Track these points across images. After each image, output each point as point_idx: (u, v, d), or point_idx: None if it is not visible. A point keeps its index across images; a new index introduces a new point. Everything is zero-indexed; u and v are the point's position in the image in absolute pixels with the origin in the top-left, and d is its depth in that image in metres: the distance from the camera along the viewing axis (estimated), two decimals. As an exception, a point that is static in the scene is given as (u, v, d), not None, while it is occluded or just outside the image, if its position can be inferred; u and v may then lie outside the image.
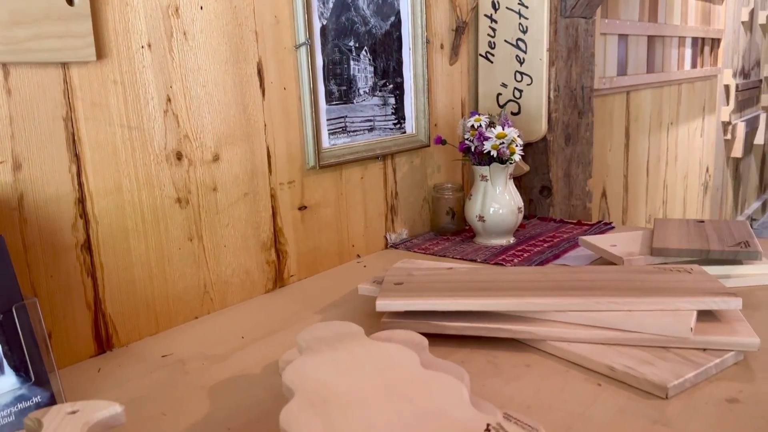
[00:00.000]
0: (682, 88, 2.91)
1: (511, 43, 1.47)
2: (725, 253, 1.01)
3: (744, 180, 4.27)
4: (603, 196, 2.32)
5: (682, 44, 2.76)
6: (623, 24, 2.16)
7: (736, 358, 0.76)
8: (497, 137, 1.26)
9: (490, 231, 1.33)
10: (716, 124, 3.47)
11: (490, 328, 0.82)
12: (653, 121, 2.66)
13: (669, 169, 2.90)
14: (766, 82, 4.39)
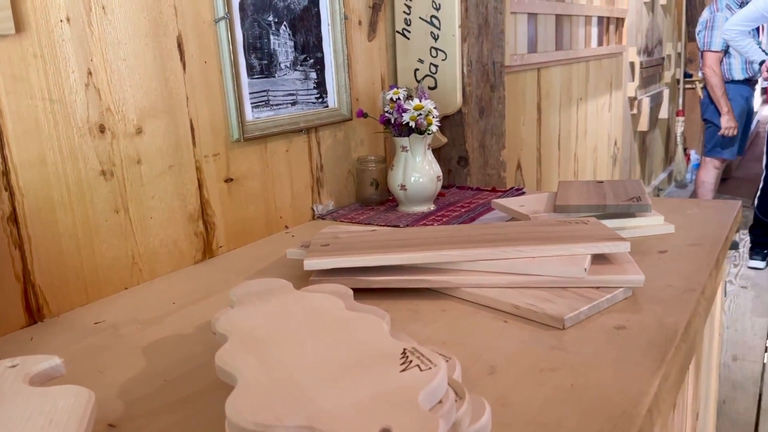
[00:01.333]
0: (590, 66, 3.08)
1: (426, 20, 1.54)
2: (619, 207, 1.12)
3: (650, 152, 4.56)
4: (518, 168, 2.45)
5: (589, 23, 2.92)
6: (532, 3, 2.28)
7: (626, 294, 0.86)
8: (415, 109, 1.32)
9: (412, 199, 1.40)
10: (623, 99, 3.70)
11: (411, 280, 0.89)
12: (563, 96, 2.81)
13: (579, 142, 3.08)
14: (668, 60, 4.69)
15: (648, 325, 0.77)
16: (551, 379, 0.65)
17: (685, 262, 0.98)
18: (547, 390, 0.63)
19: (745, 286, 3.29)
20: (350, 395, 0.50)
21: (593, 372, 0.66)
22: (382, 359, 0.55)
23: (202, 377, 0.70)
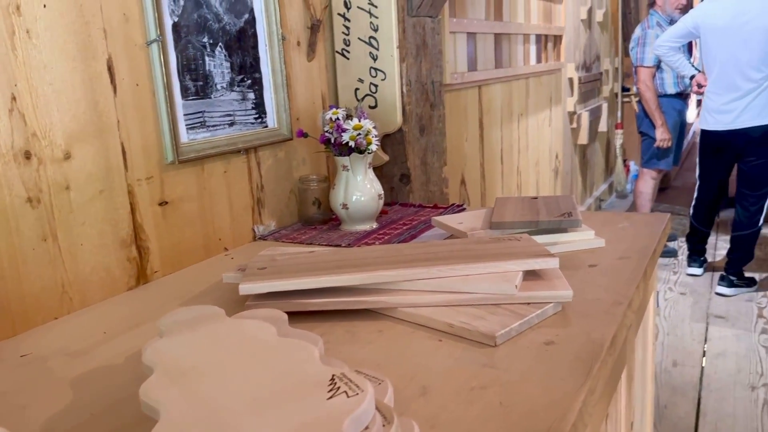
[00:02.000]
0: (529, 82, 3.17)
1: (365, 40, 1.56)
2: (551, 222, 1.16)
3: (591, 164, 4.71)
4: (462, 183, 2.50)
5: (527, 41, 3.01)
6: (471, 23, 2.33)
7: (555, 309, 0.88)
8: (354, 129, 1.33)
9: (354, 217, 1.41)
10: (563, 114, 3.81)
11: (348, 302, 0.90)
12: (504, 112, 2.88)
13: (521, 156, 3.15)
14: (606, 75, 4.86)
15: (576, 339, 0.79)
16: (481, 398, 0.67)
17: (614, 276, 1.02)
18: (476, 409, 0.64)
19: (683, 292, 3.42)
20: (276, 426, 0.50)
21: (522, 389, 0.68)
22: (311, 387, 0.55)
23: (129, 410, 0.69)
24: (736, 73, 3.04)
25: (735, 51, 3.02)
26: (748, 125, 3.06)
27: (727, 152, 3.23)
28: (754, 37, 2.95)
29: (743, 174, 3.22)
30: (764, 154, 3.11)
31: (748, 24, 2.96)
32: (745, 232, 3.24)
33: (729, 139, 3.16)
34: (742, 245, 3.28)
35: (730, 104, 3.09)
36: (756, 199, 3.19)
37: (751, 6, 2.97)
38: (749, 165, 3.18)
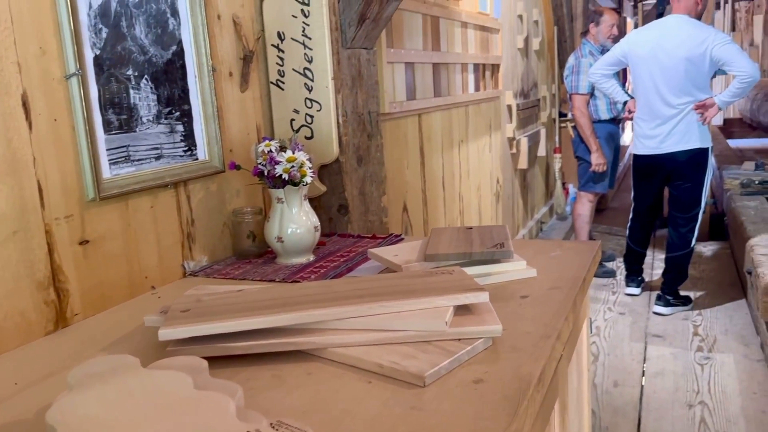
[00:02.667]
0: (469, 110, 3.23)
1: (299, 71, 1.55)
2: (484, 254, 1.16)
3: (532, 188, 4.82)
4: (404, 211, 2.50)
5: (465, 70, 3.07)
6: (408, 53, 2.36)
7: (485, 344, 0.88)
8: (288, 161, 1.31)
9: (290, 251, 1.38)
10: (502, 139, 3.89)
11: (275, 344, 0.87)
12: (445, 140, 2.92)
13: (463, 182, 3.19)
14: (544, 101, 5.01)
15: (504, 376, 0.79)
16: (407, 444, 0.65)
17: (544, 307, 1.03)
18: (401, 456, 0.63)
19: (622, 312, 3.51)
20: (181, 491, 0.47)
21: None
22: (222, 444, 0.52)
23: (32, 474, 0.64)
24: (659, 100, 3.18)
25: (657, 79, 3.16)
26: (673, 150, 3.18)
27: (657, 175, 3.35)
28: (673, 66, 3.09)
29: (673, 197, 3.35)
30: (691, 177, 3.24)
31: (668, 53, 3.10)
32: (679, 253, 3.36)
33: (657, 163, 3.28)
34: (676, 266, 3.39)
35: (654, 129, 3.22)
36: (686, 221, 3.32)
37: (671, 36, 3.11)
38: (678, 188, 3.31)
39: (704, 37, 3.02)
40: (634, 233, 3.60)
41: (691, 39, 3.04)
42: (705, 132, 3.17)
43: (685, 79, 3.09)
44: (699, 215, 3.30)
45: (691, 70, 3.06)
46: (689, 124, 3.13)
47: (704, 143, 3.17)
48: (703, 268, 4.14)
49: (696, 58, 3.04)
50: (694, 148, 3.15)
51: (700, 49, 3.01)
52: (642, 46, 3.20)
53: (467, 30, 3.08)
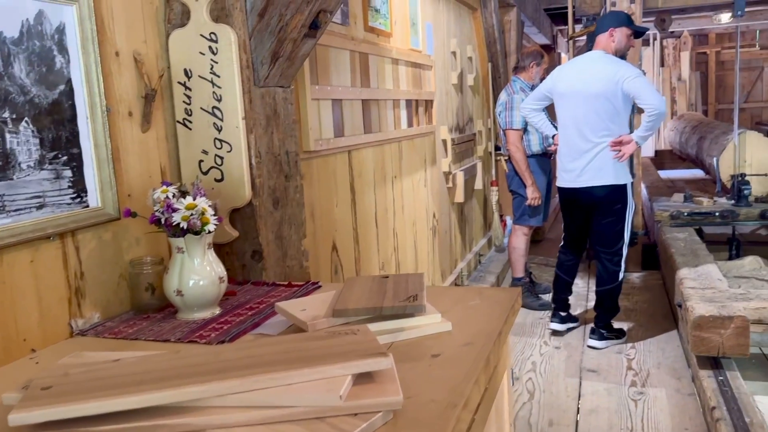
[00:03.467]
0: (402, 145, 3.20)
1: (207, 110, 1.47)
2: (394, 308, 1.09)
3: (470, 221, 4.82)
4: (334, 250, 2.42)
5: (397, 106, 3.04)
6: (336, 90, 2.31)
7: (385, 418, 0.80)
8: (187, 208, 1.22)
9: (191, 305, 1.28)
10: (438, 174, 3.88)
11: (144, 427, 0.77)
12: (377, 176, 2.87)
13: (397, 218, 3.14)
14: (480, 135, 5.05)
15: (401, 458, 0.71)
16: None
17: (455, 368, 0.96)
18: None
19: (558, 346, 3.50)
20: None
21: None
22: None
23: None
24: (576, 134, 3.24)
25: (575, 114, 3.22)
26: (588, 185, 3.23)
27: (578, 208, 3.39)
28: (589, 102, 3.16)
29: (595, 232, 3.39)
30: (610, 212, 3.27)
31: (584, 89, 3.18)
32: (607, 287, 3.38)
33: (575, 196, 3.33)
34: (606, 299, 3.42)
35: (571, 163, 3.28)
36: (611, 255, 3.35)
37: (587, 72, 3.19)
38: (599, 224, 3.34)
39: (616, 71, 3.11)
40: (561, 260, 3.62)
41: (605, 75, 3.12)
42: (621, 168, 3.21)
43: (601, 115, 3.15)
44: (623, 249, 3.33)
45: (607, 105, 3.13)
46: (604, 160, 3.18)
47: (620, 180, 3.21)
48: (636, 300, 4.20)
49: (610, 94, 3.11)
50: (608, 185, 3.19)
51: (613, 84, 3.10)
52: (562, 82, 3.29)
53: (399, 66, 3.07)
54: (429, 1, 3.64)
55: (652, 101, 3.03)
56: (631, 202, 3.28)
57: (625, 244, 3.32)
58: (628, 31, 3.24)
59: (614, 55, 3.23)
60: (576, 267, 3.62)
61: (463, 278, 4.32)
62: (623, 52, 3.31)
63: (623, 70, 3.11)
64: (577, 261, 3.60)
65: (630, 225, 3.32)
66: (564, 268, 3.59)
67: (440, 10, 3.87)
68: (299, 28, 1.48)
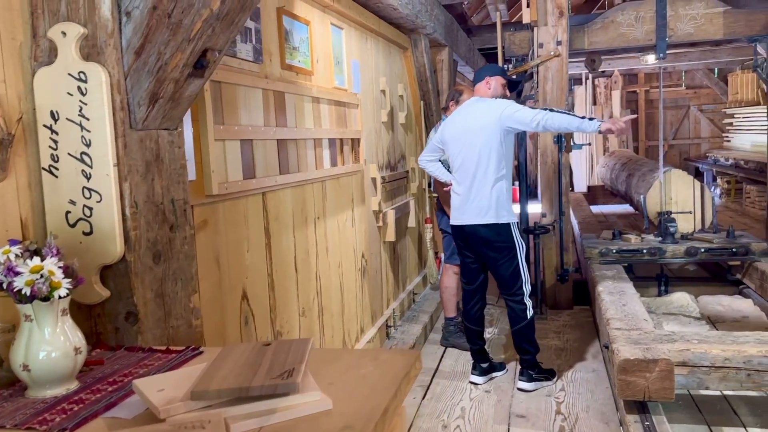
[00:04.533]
0: (326, 185, 3.09)
1: (76, 156, 1.32)
2: (264, 388, 0.96)
3: (403, 259, 4.73)
4: (244, 299, 2.27)
5: (319, 145, 2.94)
6: (245, 129, 2.19)
7: None
8: (31, 272, 1.06)
9: (41, 381, 1.11)
10: (368, 213, 3.78)
11: None
12: (297, 218, 2.74)
13: (321, 260, 3.01)
14: (413, 173, 5.01)
15: None
16: None
17: (321, 463, 0.83)
18: None
19: (488, 390, 3.41)
20: None
21: None
22: None
23: None
24: (463, 174, 3.27)
25: (461, 156, 3.26)
26: (471, 223, 3.24)
27: (470, 248, 3.38)
28: (472, 143, 3.21)
29: (493, 274, 3.39)
30: (499, 253, 3.26)
31: (467, 132, 3.23)
32: (519, 326, 3.34)
33: (464, 235, 3.33)
34: (522, 338, 3.36)
35: (459, 202, 3.30)
36: (512, 295, 3.32)
37: (470, 117, 3.25)
38: (492, 267, 3.34)
39: (491, 108, 3.19)
40: (466, 309, 3.55)
41: (483, 114, 3.20)
42: (504, 208, 3.23)
43: (483, 154, 3.19)
44: (523, 288, 3.30)
45: (488, 143, 3.18)
46: (488, 199, 3.20)
47: (501, 219, 3.22)
48: (567, 338, 4.18)
49: (490, 131, 3.17)
50: (491, 223, 3.21)
51: (492, 120, 3.16)
52: (452, 128, 3.35)
53: (320, 105, 2.98)
54: (355, 39, 3.59)
55: (531, 121, 3.08)
56: (520, 241, 3.29)
57: (524, 282, 3.30)
58: (503, 80, 3.39)
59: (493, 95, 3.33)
60: (482, 314, 3.55)
61: (395, 319, 4.20)
62: (501, 93, 3.40)
63: (497, 104, 3.20)
64: (482, 307, 3.54)
65: (525, 264, 3.32)
66: (470, 317, 3.52)
67: (368, 48, 3.83)
68: (181, 67, 1.36)
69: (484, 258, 3.36)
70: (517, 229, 3.31)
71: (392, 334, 4.03)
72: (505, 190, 3.26)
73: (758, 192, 8.18)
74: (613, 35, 4.89)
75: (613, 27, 4.88)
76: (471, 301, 3.52)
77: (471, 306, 3.52)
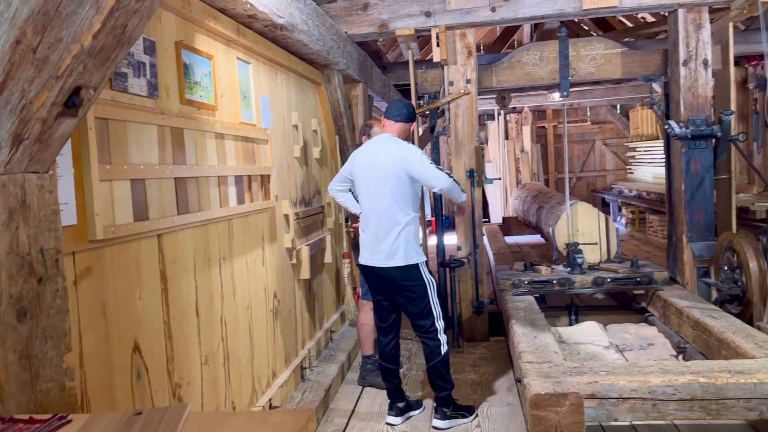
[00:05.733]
0: (233, 224, 2.96)
1: None
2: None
3: (320, 296, 4.62)
4: (136, 351, 2.10)
5: (224, 183, 2.83)
6: (135, 168, 2.06)
7: None
8: None
9: None
10: (280, 251, 3.67)
11: None
12: (200, 259, 2.60)
13: (227, 303, 2.87)
14: (329, 207, 4.94)
15: None
16: None
17: None
18: None
19: (405, 430, 3.34)
20: None
21: None
22: None
23: None
24: (372, 213, 3.27)
25: (370, 194, 3.26)
26: (381, 265, 3.23)
27: (379, 287, 3.36)
28: (380, 183, 3.22)
29: (406, 314, 3.37)
30: (410, 293, 3.25)
31: (376, 171, 3.24)
32: (433, 362, 3.31)
33: (373, 275, 3.31)
34: (436, 374, 3.33)
35: (369, 241, 3.29)
36: (425, 333, 3.31)
37: (380, 155, 3.25)
38: (404, 306, 3.33)
39: (401, 154, 3.20)
40: (381, 347, 3.51)
41: (393, 157, 3.21)
42: (413, 248, 3.24)
43: (392, 195, 3.21)
44: (436, 324, 3.30)
45: (397, 185, 3.20)
46: (397, 240, 3.20)
47: (410, 260, 3.22)
48: (483, 371, 4.18)
49: (397, 175, 3.19)
50: (401, 265, 3.21)
51: (399, 166, 3.18)
52: (360, 163, 3.35)
53: (225, 141, 2.87)
54: (264, 74, 3.52)
55: (434, 183, 3.16)
56: (430, 279, 3.30)
57: (437, 318, 3.30)
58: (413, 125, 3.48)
59: (401, 137, 3.36)
60: (397, 352, 3.51)
61: (311, 359, 4.07)
62: (407, 135, 3.44)
63: (408, 151, 3.22)
64: (397, 345, 3.50)
65: (436, 300, 3.31)
66: (385, 356, 3.47)
67: (278, 83, 3.77)
68: (49, 106, 1.24)
69: (395, 299, 3.33)
70: (426, 268, 3.31)
71: (307, 376, 3.90)
72: (414, 231, 3.25)
73: (660, 221, 8.65)
74: (520, 74, 5.08)
75: (520, 66, 5.07)
76: (385, 338, 3.46)
77: (386, 344, 3.46)
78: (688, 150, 4.53)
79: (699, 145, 4.51)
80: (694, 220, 4.58)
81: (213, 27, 2.76)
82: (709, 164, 4.53)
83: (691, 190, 4.55)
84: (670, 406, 2.76)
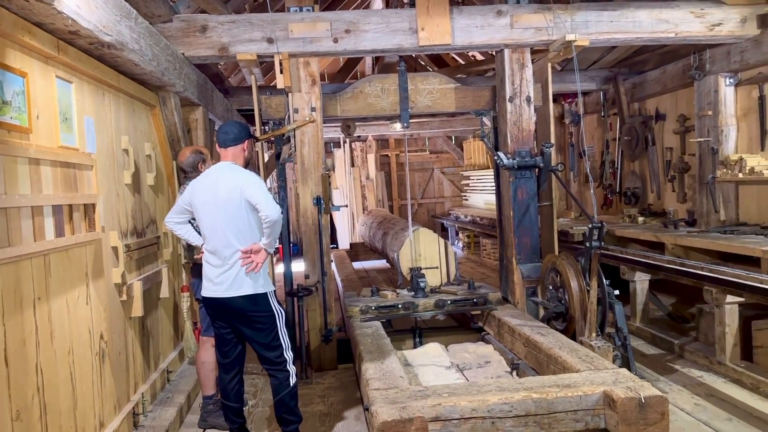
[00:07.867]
0: (50, 259, 2.65)
1: None
2: None
3: (155, 334, 4.29)
4: None
5: (39, 214, 2.53)
6: None
7: None
8: None
9: None
10: (107, 287, 3.35)
11: None
12: (8, 302, 2.29)
13: (43, 349, 2.55)
14: (166, 238, 4.63)
15: None
16: None
17: None
18: None
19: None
20: None
21: None
22: None
23: None
24: (215, 243, 3.17)
25: (212, 224, 3.16)
26: (225, 296, 3.14)
27: (224, 320, 3.24)
28: (221, 212, 3.14)
29: (253, 348, 3.27)
30: (257, 323, 3.18)
31: (216, 200, 3.15)
32: (281, 394, 3.23)
33: (217, 306, 3.20)
34: (285, 409, 3.24)
35: (212, 272, 3.19)
36: (273, 365, 3.23)
37: (219, 184, 3.17)
38: (250, 338, 3.23)
39: (238, 182, 3.15)
40: (223, 385, 3.35)
41: (232, 185, 3.15)
42: (260, 277, 3.18)
43: (235, 223, 3.14)
44: (285, 354, 3.24)
45: (238, 213, 3.14)
46: (241, 269, 3.13)
47: (258, 289, 3.16)
48: (331, 401, 4.13)
49: (237, 203, 3.13)
50: (248, 294, 3.14)
51: (238, 193, 3.13)
52: (198, 193, 3.23)
53: (41, 167, 2.58)
54: (89, 94, 3.23)
55: (266, 211, 3.07)
56: (279, 309, 3.25)
57: (285, 348, 3.24)
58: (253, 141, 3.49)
59: (245, 163, 3.32)
60: (241, 389, 3.38)
61: (144, 404, 3.74)
62: (248, 154, 3.39)
63: (243, 179, 3.17)
64: (241, 381, 3.37)
65: (285, 330, 3.26)
66: (227, 394, 3.32)
67: (105, 104, 3.48)
68: None
69: (240, 331, 3.19)
70: (274, 298, 3.22)
71: (141, 422, 3.57)
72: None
73: (492, 245, 9.27)
74: (363, 104, 5.20)
75: (363, 97, 5.19)
76: (228, 375, 3.29)
77: (228, 380, 3.29)
78: (515, 179, 4.90)
79: (524, 175, 4.89)
80: (522, 244, 4.94)
81: (27, 42, 2.48)
82: (534, 192, 4.93)
83: (519, 215, 4.91)
84: (507, 423, 2.90)
